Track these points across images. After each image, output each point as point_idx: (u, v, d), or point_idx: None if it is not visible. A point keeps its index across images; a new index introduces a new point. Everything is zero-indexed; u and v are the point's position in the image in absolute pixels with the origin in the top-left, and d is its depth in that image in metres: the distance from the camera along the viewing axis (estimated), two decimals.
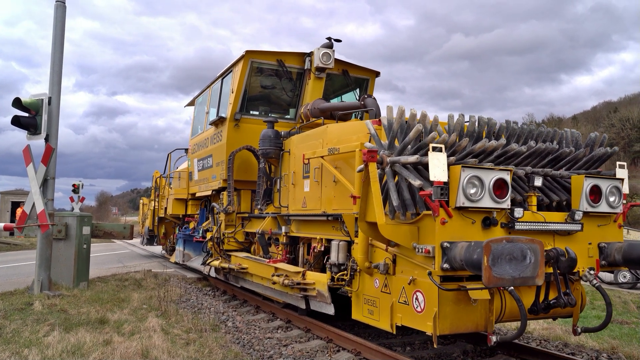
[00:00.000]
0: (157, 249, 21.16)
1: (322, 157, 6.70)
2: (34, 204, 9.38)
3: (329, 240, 6.64)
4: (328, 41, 9.44)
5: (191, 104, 13.39)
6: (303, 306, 7.00)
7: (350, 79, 10.10)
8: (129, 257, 19.23)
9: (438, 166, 4.47)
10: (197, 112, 12.60)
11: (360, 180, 5.87)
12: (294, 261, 7.86)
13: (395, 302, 5.09)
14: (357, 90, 10.37)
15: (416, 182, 4.61)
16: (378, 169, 4.90)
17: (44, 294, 8.94)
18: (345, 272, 5.99)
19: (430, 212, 4.61)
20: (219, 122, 10.03)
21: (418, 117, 4.92)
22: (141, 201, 22.08)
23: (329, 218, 6.47)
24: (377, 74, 10.33)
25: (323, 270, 7.11)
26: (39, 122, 9.53)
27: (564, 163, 5.58)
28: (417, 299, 4.79)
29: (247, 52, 9.25)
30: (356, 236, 5.81)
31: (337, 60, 9.58)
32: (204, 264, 10.36)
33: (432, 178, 4.44)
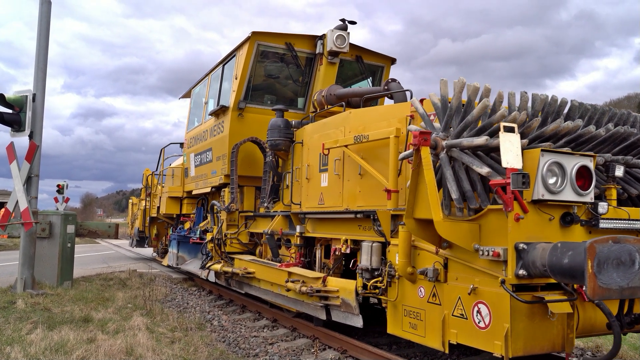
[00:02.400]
0: (145, 251, 20.12)
1: (346, 146, 5.87)
2: (17, 202, 9.23)
3: (355, 242, 5.79)
4: (342, 23, 8.57)
5: (187, 95, 12.43)
6: (323, 317, 6.11)
7: (364, 66, 9.24)
8: (114, 258, 18.90)
9: (511, 150, 3.64)
10: (194, 103, 11.65)
11: (395, 171, 5.06)
12: (308, 265, 6.99)
13: (447, 315, 4.25)
14: (371, 79, 9.53)
15: (483, 170, 3.77)
16: (431, 154, 4.06)
17: (27, 292, 8.75)
18: (380, 278, 5.12)
19: (498, 206, 3.78)
20: (220, 112, 9.11)
21: (480, 92, 4.09)
22: (130, 201, 20.99)
23: (358, 216, 5.60)
24: (393, 60, 9.48)
25: (344, 276, 6.26)
26: (23, 118, 9.38)
27: (637, 151, 4.78)
28: (479, 312, 3.95)
29: (254, 33, 8.35)
30: (392, 236, 4.97)
31: (351, 45, 8.70)
32: (203, 267, 9.41)
33: (504, 164, 3.60)
